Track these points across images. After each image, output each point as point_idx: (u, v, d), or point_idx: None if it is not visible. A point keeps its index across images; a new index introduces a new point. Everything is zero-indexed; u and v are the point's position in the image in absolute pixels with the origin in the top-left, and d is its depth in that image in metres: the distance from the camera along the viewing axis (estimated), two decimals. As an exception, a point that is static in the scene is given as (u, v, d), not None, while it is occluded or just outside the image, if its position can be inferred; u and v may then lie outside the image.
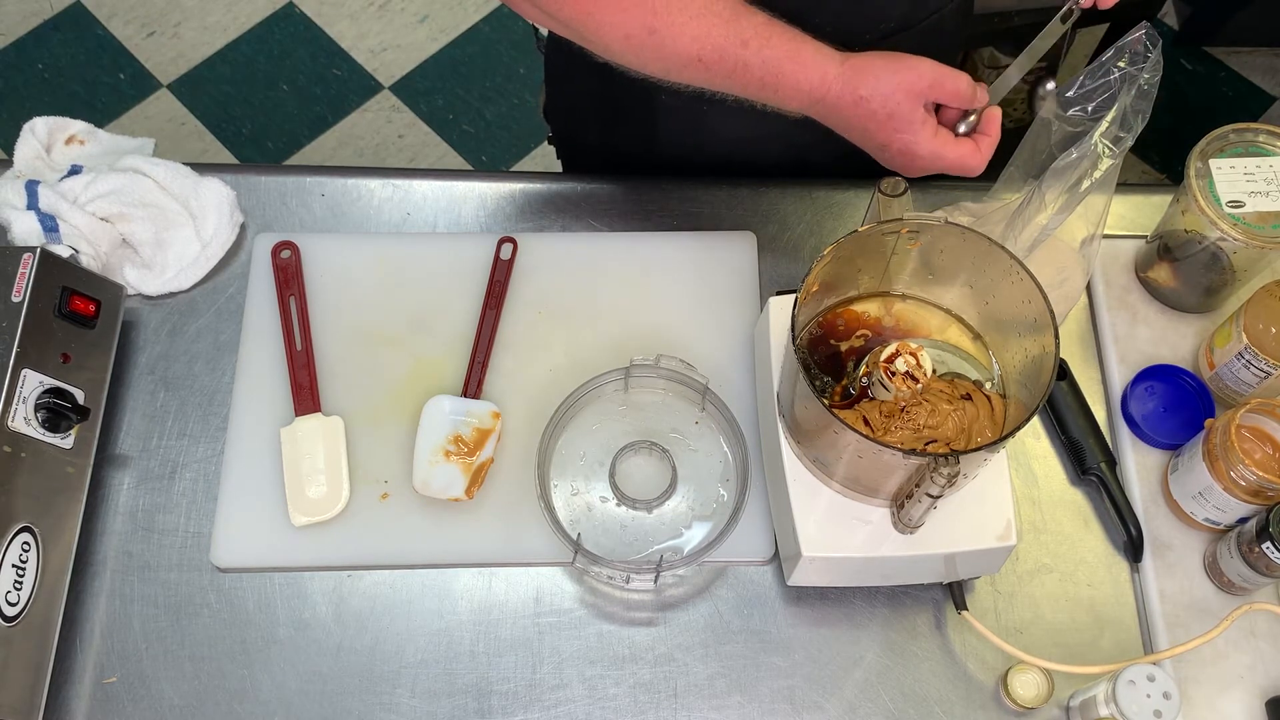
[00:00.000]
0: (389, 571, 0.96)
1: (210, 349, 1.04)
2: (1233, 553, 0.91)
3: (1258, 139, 0.96)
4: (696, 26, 0.82)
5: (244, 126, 2.25)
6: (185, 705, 0.91)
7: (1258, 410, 0.91)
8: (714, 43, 0.83)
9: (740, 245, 1.08)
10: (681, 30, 0.82)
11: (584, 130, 1.20)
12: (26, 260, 0.92)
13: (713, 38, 0.83)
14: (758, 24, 0.83)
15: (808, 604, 0.95)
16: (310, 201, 1.11)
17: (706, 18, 0.82)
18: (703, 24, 0.82)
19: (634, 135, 1.12)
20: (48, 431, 0.90)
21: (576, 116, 1.19)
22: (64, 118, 1.12)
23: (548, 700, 0.92)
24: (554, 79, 1.18)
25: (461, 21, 2.37)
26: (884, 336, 0.89)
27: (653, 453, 0.99)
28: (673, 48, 0.83)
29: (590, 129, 1.18)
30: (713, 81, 0.86)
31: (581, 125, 1.19)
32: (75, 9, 2.35)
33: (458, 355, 1.03)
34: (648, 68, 0.86)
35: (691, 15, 0.82)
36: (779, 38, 0.84)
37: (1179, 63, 2.32)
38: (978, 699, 0.92)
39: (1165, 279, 1.04)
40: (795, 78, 0.84)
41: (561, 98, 1.19)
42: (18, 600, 0.86)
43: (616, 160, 1.15)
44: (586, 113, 1.16)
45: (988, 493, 0.87)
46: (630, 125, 1.11)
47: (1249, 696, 0.91)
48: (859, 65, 0.84)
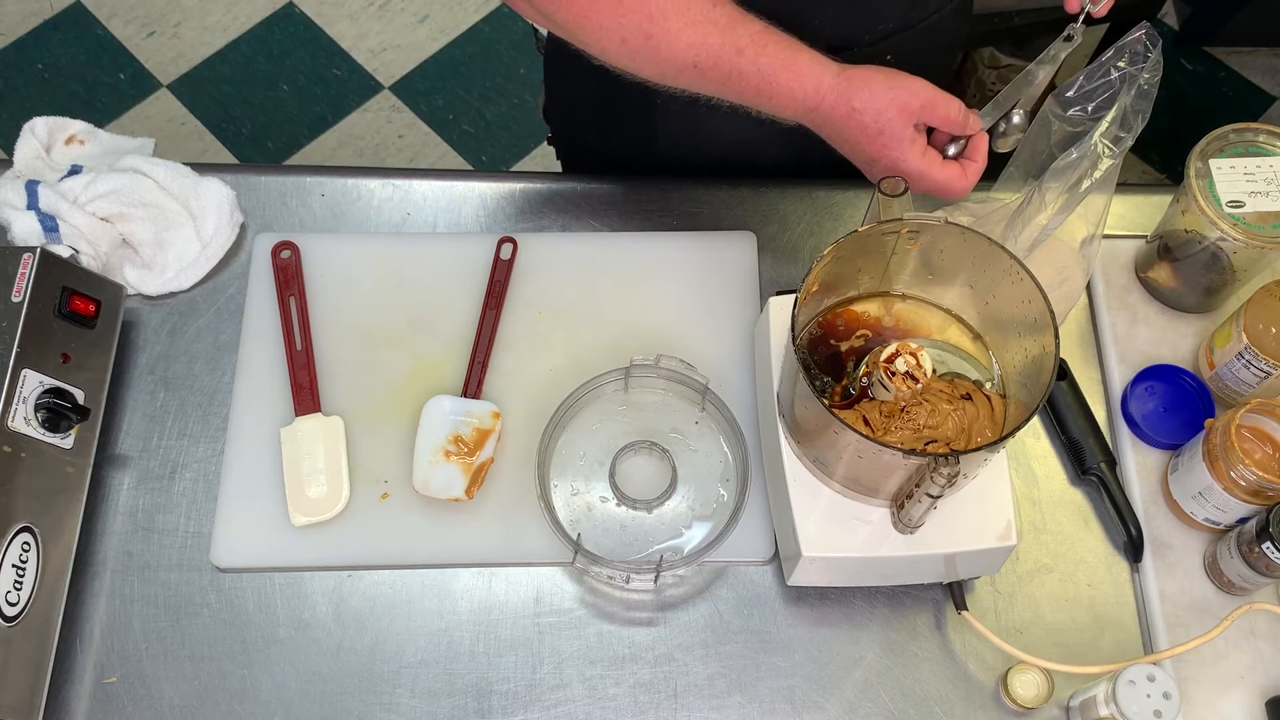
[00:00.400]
0: (389, 571, 0.96)
1: (210, 349, 1.04)
2: (1233, 553, 0.91)
3: (1258, 139, 0.96)
4: (692, 34, 0.82)
5: (244, 126, 2.25)
6: (185, 705, 0.91)
7: (1258, 410, 0.91)
8: (709, 49, 0.83)
9: (740, 245, 1.08)
10: (677, 37, 0.82)
11: (583, 131, 1.20)
12: (26, 260, 0.92)
13: (708, 45, 0.82)
14: (754, 32, 0.83)
15: (808, 604, 0.95)
16: (310, 201, 1.11)
17: (703, 25, 0.82)
18: (699, 31, 0.82)
19: (633, 137, 1.12)
20: (48, 431, 0.90)
21: (575, 117, 1.19)
22: (64, 118, 1.12)
23: (548, 700, 0.92)
24: (553, 80, 1.18)
25: (461, 21, 2.37)
26: (884, 336, 0.89)
27: (653, 453, 0.99)
28: (668, 54, 0.83)
29: (589, 130, 1.18)
30: (707, 88, 0.86)
31: (580, 126, 1.19)
32: (75, 9, 2.35)
33: (458, 355, 1.03)
34: (643, 72, 0.86)
35: (688, 22, 0.82)
36: (775, 46, 0.83)
37: (1179, 63, 2.32)
38: (978, 699, 0.92)
39: (1165, 279, 1.04)
40: (790, 86, 0.84)
41: (560, 99, 1.19)
42: (18, 600, 0.86)
43: (615, 161, 1.15)
44: (585, 114, 1.16)
45: (988, 493, 0.87)
46: (629, 127, 1.11)
47: (1249, 696, 0.91)
48: (855, 77, 0.84)
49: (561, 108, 1.20)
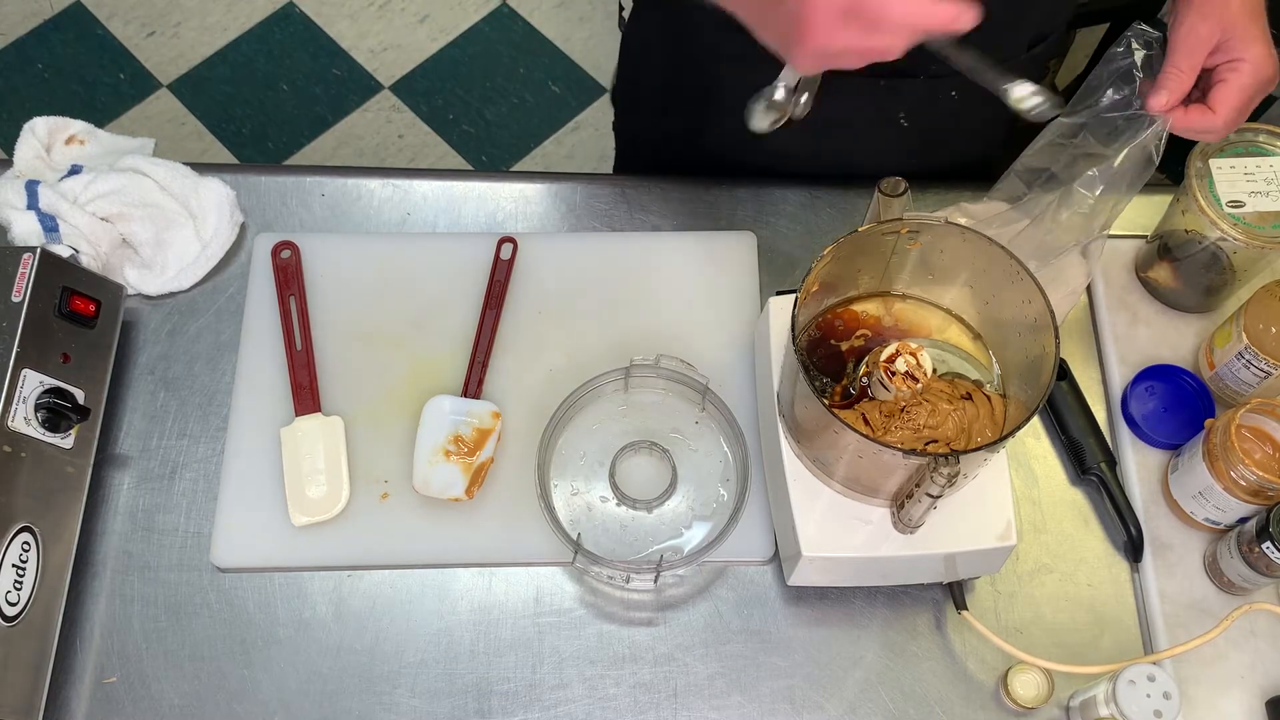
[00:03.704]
0: (389, 571, 0.96)
1: (210, 349, 1.04)
2: (1233, 553, 0.91)
3: (1258, 139, 0.96)
4: None
5: (244, 126, 2.25)
6: (185, 705, 0.91)
7: (1258, 410, 0.91)
8: None
9: (740, 245, 1.08)
10: None
11: (644, 115, 1.19)
12: (26, 260, 0.92)
13: None
14: None
15: (808, 604, 0.95)
16: (310, 201, 1.11)
17: None
18: None
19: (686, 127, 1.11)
20: (48, 431, 0.90)
21: (641, 100, 1.20)
22: (64, 118, 1.12)
23: (548, 700, 0.92)
24: (627, 61, 1.18)
25: (461, 21, 2.37)
26: (884, 336, 0.89)
27: (653, 453, 0.99)
28: None
29: (649, 114, 1.17)
30: None
31: (644, 110, 1.20)
32: (75, 9, 2.35)
33: (458, 355, 1.03)
34: None
35: None
36: None
37: (1179, 63, 2.31)
38: (978, 699, 0.92)
39: (1165, 279, 1.04)
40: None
41: (631, 81, 1.20)
42: (18, 600, 0.86)
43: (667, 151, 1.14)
44: (651, 97, 1.16)
45: (988, 493, 0.87)
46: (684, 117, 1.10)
47: (1249, 696, 0.91)
48: None
49: (630, 90, 1.21)
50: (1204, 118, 0.83)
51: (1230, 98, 0.82)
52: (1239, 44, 0.82)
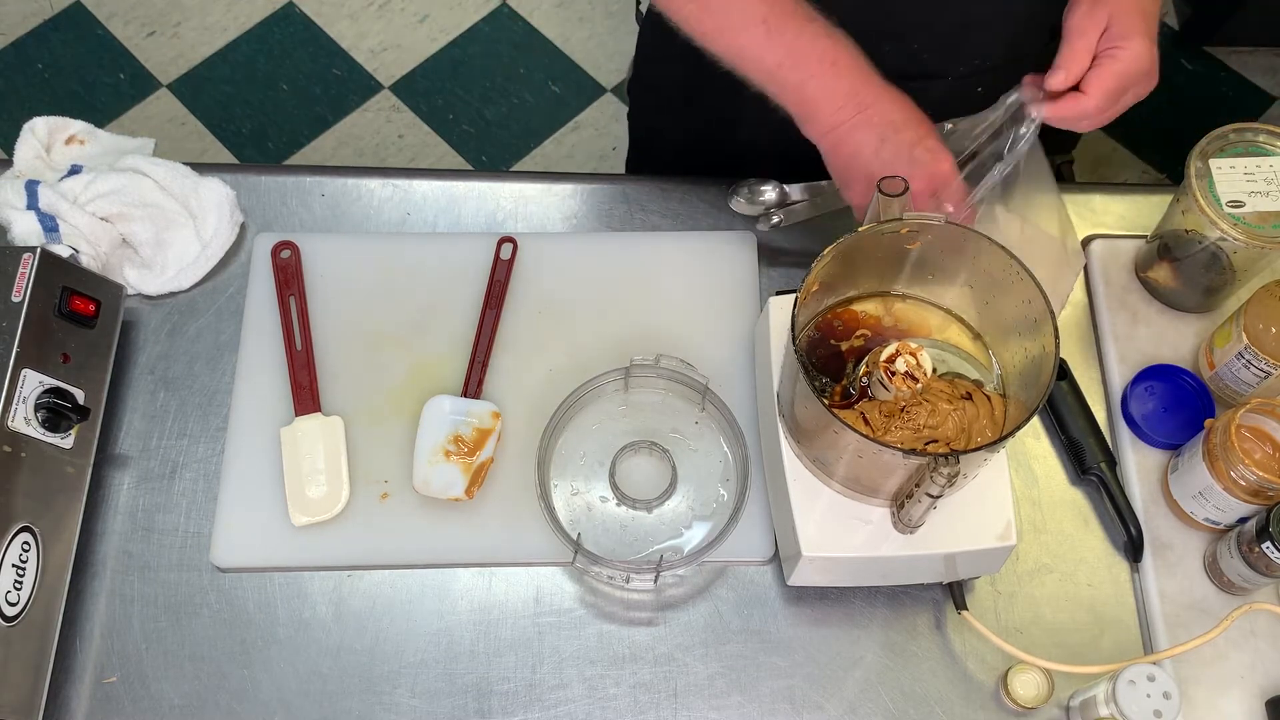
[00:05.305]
0: (389, 571, 0.96)
1: (210, 349, 1.04)
2: (1233, 553, 0.91)
3: (1258, 139, 0.96)
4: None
5: (244, 126, 2.25)
6: (185, 705, 0.91)
7: (1258, 410, 0.91)
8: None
9: (740, 245, 1.08)
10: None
11: (665, 110, 1.20)
12: (26, 260, 0.92)
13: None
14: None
15: (808, 604, 0.95)
16: (310, 201, 1.11)
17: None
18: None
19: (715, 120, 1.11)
20: (48, 431, 0.90)
21: (661, 95, 1.20)
22: (64, 118, 1.12)
23: (548, 700, 0.92)
24: (645, 56, 1.18)
25: (461, 21, 2.37)
26: (884, 336, 0.89)
27: (653, 453, 0.99)
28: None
29: (671, 110, 1.18)
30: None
31: (664, 105, 1.20)
32: (75, 9, 2.35)
33: (458, 355, 1.03)
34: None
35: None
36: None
37: (1179, 63, 2.32)
38: (978, 699, 0.92)
39: (1165, 279, 1.04)
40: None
41: (649, 75, 1.20)
42: (18, 600, 0.86)
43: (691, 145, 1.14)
44: (671, 92, 1.16)
45: (988, 493, 0.87)
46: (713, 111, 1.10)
47: (1249, 696, 0.91)
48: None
49: (648, 85, 1.21)
50: (1076, 103, 0.85)
51: (1104, 80, 0.84)
52: (1119, 34, 0.84)
